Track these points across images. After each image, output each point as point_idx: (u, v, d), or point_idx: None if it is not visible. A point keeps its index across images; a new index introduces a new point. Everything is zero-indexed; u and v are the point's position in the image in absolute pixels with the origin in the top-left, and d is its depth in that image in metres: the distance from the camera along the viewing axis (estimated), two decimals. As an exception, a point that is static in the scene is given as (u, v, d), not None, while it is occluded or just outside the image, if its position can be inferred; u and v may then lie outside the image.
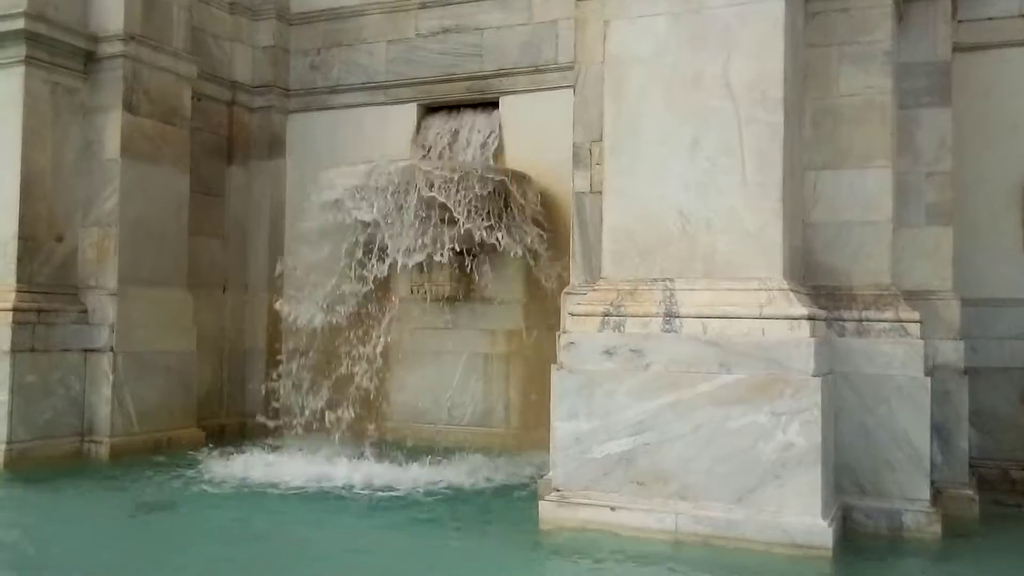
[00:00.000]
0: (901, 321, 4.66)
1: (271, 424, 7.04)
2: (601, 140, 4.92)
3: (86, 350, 6.57)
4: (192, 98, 7.31)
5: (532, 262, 6.77)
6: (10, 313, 6.14)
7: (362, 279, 6.53)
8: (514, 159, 7.18)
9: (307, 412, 6.93)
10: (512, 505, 5.08)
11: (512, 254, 6.63)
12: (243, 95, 8.07)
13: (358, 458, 6.11)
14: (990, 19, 5.93)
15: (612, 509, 4.32)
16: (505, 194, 6.55)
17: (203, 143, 7.69)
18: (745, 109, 4.43)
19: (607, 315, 4.52)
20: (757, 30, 4.43)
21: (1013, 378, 5.72)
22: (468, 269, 6.84)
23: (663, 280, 4.52)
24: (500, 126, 7.36)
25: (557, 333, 4.99)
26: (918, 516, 4.50)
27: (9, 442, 6.06)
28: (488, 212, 6.43)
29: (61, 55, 6.55)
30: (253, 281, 8.03)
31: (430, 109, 7.75)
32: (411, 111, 7.70)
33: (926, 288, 5.10)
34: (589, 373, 4.46)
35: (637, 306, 4.49)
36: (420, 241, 6.30)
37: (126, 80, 6.70)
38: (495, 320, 7.18)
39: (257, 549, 4.30)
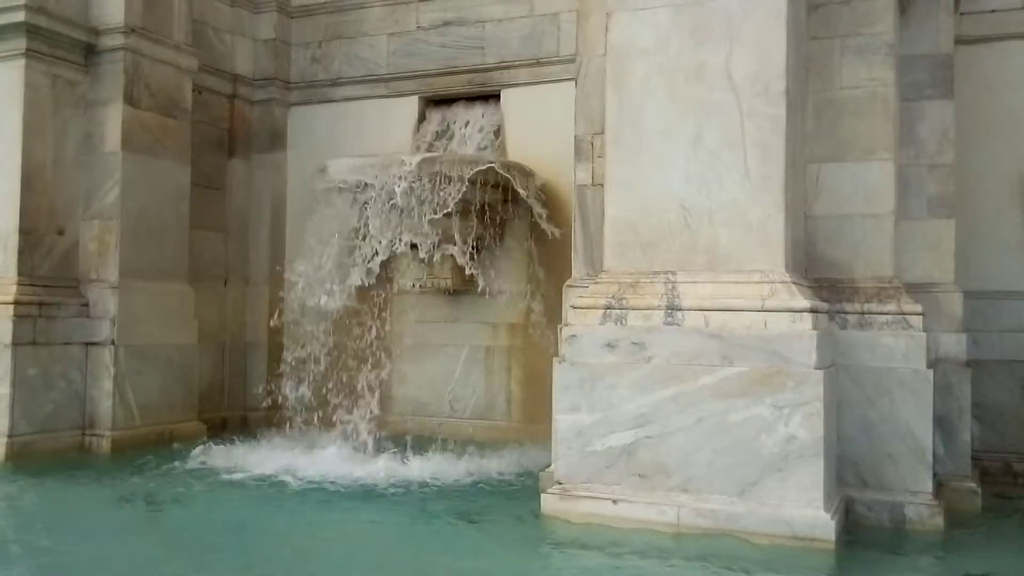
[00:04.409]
0: (903, 314, 4.66)
1: (272, 418, 7.04)
2: (603, 133, 4.91)
3: (87, 343, 6.56)
4: (193, 91, 7.29)
5: (533, 255, 6.77)
6: (11, 306, 6.13)
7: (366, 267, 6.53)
8: (515, 152, 7.17)
9: (308, 406, 6.93)
10: (514, 498, 5.08)
11: (513, 247, 6.63)
12: (244, 88, 8.06)
13: (358, 451, 6.11)
14: (993, 11, 5.93)
15: (614, 502, 4.32)
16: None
17: (204, 136, 7.67)
18: (747, 102, 4.42)
19: (609, 308, 4.52)
20: (760, 22, 4.41)
21: (1015, 371, 5.73)
22: (469, 261, 6.83)
23: (665, 273, 4.51)
24: (502, 119, 7.35)
25: (559, 326, 4.99)
26: (920, 509, 4.50)
27: (10, 435, 6.06)
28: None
29: (62, 48, 6.54)
30: (254, 274, 8.03)
31: (432, 102, 7.74)
32: (412, 104, 7.69)
33: (928, 281, 5.10)
34: (591, 366, 4.45)
35: (639, 299, 4.48)
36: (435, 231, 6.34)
37: (127, 73, 6.68)
38: (497, 313, 7.18)
39: (256, 542, 4.30)
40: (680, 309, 4.38)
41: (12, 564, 3.80)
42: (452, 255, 6.70)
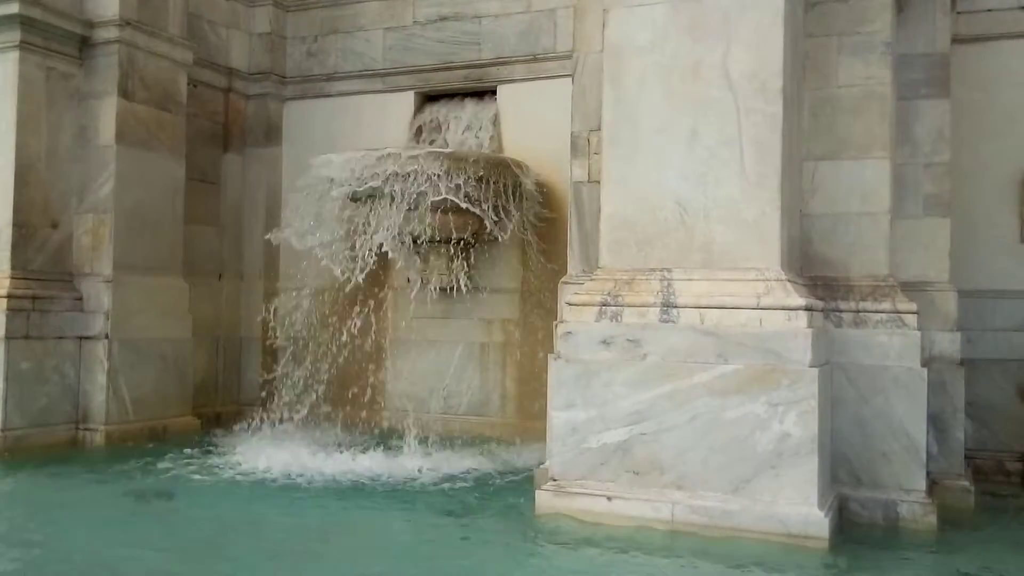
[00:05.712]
0: (898, 312, 4.66)
1: (266, 413, 7.02)
2: (599, 129, 4.90)
3: (81, 337, 6.55)
4: (188, 84, 7.28)
5: (529, 251, 6.77)
6: (4, 300, 6.11)
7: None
8: (511, 148, 7.16)
9: (303, 401, 6.93)
10: (508, 494, 5.08)
11: (509, 243, 6.61)
12: (239, 82, 8.03)
13: (353, 447, 6.10)
14: (989, 11, 5.94)
15: (608, 499, 4.32)
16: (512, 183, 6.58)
17: (199, 130, 7.65)
18: (744, 99, 4.41)
19: (604, 305, 4.51)
20: (756, 19, 4.40)
21: (1009, 370, 5.75)
22: (465, 258, 6.82)
23: (661, 270, 4.51)
24: (498, 115, 7.34)
25: (554, 323, 4.98)
26: (914, 507, 4.51)
27: (3, 429, 6.05)
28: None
29: (56, 40, 6.51)
30: (248, 269, 8.02)
31: (428, 97, 7.73)
32: (408, 99, 7.68)
33: (923, 279, 5.12)
34: (586, 363, 4.45)
35: (635, 296, 4.48)
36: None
37: (121, 66, 6.66)
38: (492, 309, 7.18)
39: (247, 538, 4.28)
40: (675, 306, 4.38)
41: (3, 558, 3.78)
42: (447, 251, 6.70)
